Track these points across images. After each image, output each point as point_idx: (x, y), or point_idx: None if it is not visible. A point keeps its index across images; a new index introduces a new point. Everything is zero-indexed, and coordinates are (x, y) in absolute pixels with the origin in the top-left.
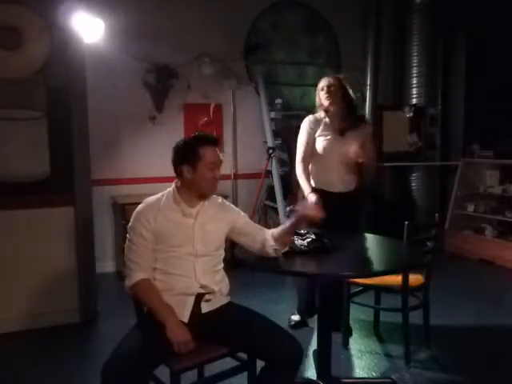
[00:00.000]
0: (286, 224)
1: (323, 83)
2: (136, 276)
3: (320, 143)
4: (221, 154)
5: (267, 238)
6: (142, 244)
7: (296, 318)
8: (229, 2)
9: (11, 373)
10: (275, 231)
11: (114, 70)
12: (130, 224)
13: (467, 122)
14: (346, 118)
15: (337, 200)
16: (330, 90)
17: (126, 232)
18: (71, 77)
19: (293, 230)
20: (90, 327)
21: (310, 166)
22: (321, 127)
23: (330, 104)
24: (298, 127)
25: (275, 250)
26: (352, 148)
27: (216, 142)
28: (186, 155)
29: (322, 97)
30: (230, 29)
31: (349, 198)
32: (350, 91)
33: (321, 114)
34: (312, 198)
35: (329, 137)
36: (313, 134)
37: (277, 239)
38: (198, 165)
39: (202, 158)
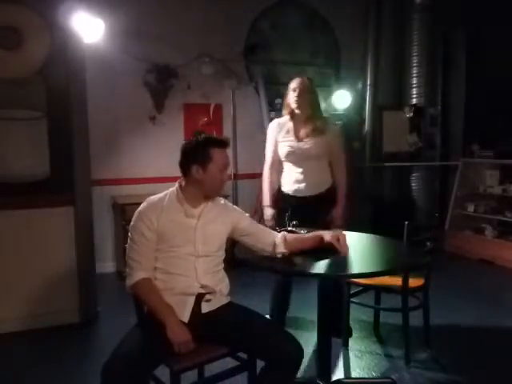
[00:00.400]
0: (304, 235)
1: (295, 84)
2: (137, 275)
3: (282, 148)
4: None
5: (278, 243)
6: (144, 243)
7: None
8: (229, 2)
9: (11, 373)
10: (290, 238)
11: (114, 70)
12: (132, 223)
13: (467, 122)
14: (309, 123)
15: (305, 203)
16: (300, 93)
17: (126, 232)
18: (71, 77)
19: (311, 247)
20: (90, 327)
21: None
22: (283, 132)
23: (298, 107)
24: None
25: (283, 253)
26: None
27: (227, 144)
28: (196, 155)
29: (291, 98)
30: (230, 29)
31: (318, 200)
32: (318, 96)
33: (286, 117)
34: (267, 212)
35: (290, 142)
36: (276, 138)
37: (289, 247)
38: (209, 166)
39: (213, 159)
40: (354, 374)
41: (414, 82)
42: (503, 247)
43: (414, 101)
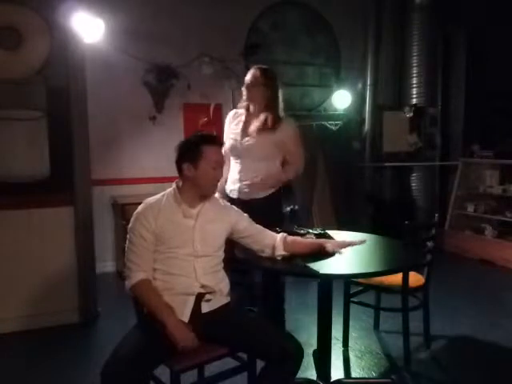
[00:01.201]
0: (305, 240)
1: (247, 76)
2: (136, 276)
3: (227, 141)
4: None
5: (277, 245)
6: (142, 245)
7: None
8: (229, 2)
9: (11, 373)
10: (289, 241)
11: (114, 70)
12: (130, 225)
13: (467, 121)
14: (259, 118)
15: (246, 208)
16: (250, 85)
17: (126, 232)
18: (71, 77)
19: (310, 253)
20: (90, 327)
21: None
22: (233, 123)
23: (248, 100)
24: (299, 127)
25: (282, 255)
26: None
27: (219, 141)
28: (187, 153)
29: (243, 91)
30: (230, 29)
31: (262, 205)
32: (277, 89)
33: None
34: None
35: (234, 135)
36: (228, 129)
37: (288, 249)
38: (200, 163)
39: (203, 156)
40: (354, 374)
41: (414, 81)
42: (503, 247)
43: (414, 101)
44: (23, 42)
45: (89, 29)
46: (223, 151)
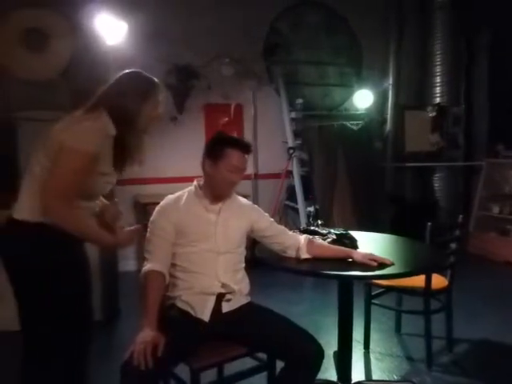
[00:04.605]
0: (332, 247)
1: None
2: (147, 266)
3: None
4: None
5: (301, 247)
6: (161, 236)
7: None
8: (248, 2)
9: None
10: (314, 245)
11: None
12: (151, 218)
13: (492, 121)
14: None
15: None
16: None
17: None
18: (95, 78)
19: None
20: (112, 325)
21: None
22: None
23: None
24: (320, 127)
25: (306, 258)
26: None
27: (247, 149)
28: (212, 149)
29: None
30: (250, 29)
31: None
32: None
33: None
34: None
35: None
36: None
37: (312, 252)
38: (219, 163)
39: (224, 157)
40: (374, 377)
41: (437, 80)
42: None
43: (437, 100)
44: (48, 43)
45: (112, 31)
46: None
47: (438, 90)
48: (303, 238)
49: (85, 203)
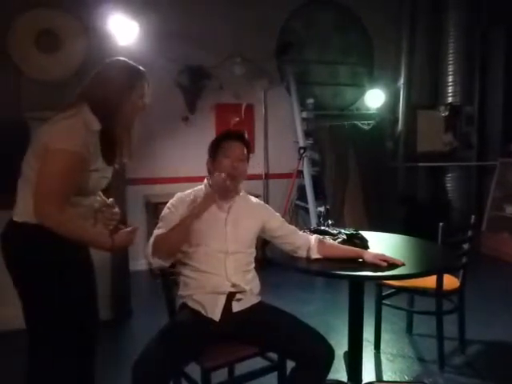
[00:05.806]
0: (342, 248)
1: None
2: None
3: None
4: (246, 154)
5: (312, 247)
6: (170, 225)
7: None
8: (260, 1)
9: None
10: (325, 245)
11: (147, 72)
12: (161, 214)
13: (505, 121)
14: None
15: None
16: None
17: None
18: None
19: (346, 259)
20: (123, 324)
21: None
22: None
23: None
24: (331, 127)
25: (316, 258)
26: None
27: (238, 136)
28: (211, 149)
29: None
30: (262, 29)
31: None
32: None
33: None
34: None
35: None
36: None
37: (323, 253)
38: (217, 156)
39: (220, 148)
40: (385, 378)
41: (450, 80)
42: None
43: (450, 99)
44: (61, 44)
45: (124, 31)
46: None
47: (450, 89)
48: (314, 238)
49: (82, 200)
